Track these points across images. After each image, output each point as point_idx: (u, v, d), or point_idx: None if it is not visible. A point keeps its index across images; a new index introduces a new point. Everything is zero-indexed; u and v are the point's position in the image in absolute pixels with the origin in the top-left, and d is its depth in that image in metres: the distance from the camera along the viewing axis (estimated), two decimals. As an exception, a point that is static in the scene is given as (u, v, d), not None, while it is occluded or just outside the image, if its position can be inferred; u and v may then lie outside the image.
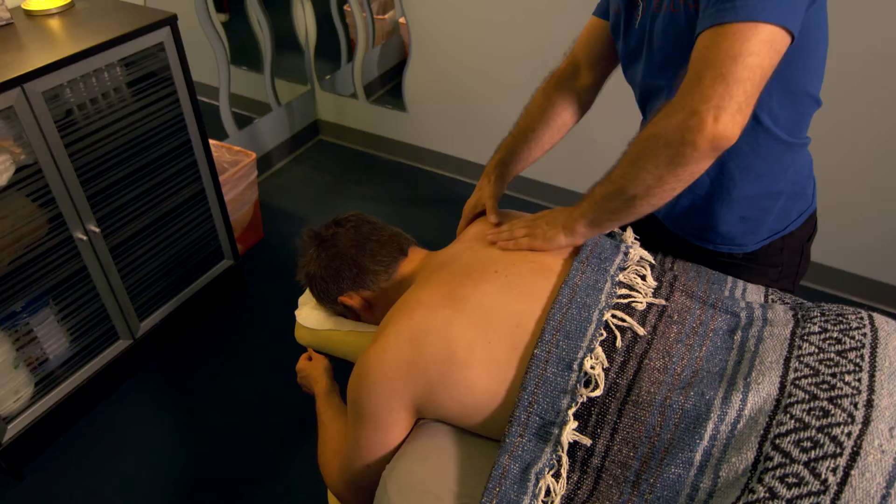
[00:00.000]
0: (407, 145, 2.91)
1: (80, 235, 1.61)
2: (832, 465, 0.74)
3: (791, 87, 0.96)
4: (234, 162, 2.31)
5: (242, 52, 2.78)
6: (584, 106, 1.23)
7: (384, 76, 3.20)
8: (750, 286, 1.09)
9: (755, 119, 0.97)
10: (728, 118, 0.79)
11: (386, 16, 3.18)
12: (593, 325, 0.90)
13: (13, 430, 1.64)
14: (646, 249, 1.09)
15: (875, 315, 0.93)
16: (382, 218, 1.23)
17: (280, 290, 2.26)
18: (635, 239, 1.14)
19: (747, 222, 1.08)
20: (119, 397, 1.90)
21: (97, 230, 1.64)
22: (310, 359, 1.32)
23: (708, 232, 1.11)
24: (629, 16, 1.02)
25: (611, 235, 1.22)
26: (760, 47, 0.79)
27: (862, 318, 0.91)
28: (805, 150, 1.07)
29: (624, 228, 1.19)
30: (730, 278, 1.09)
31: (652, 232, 1.17)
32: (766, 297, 1.07)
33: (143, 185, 1.75)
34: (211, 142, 2.31)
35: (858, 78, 1.81)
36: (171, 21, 1.64)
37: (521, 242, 1.04)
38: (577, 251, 1.03)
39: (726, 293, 1.05)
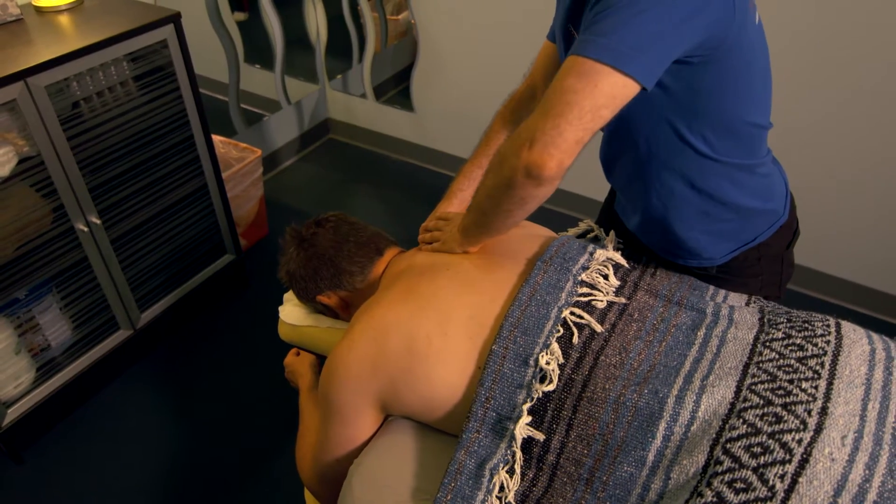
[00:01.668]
0: (414, 145, 2.93)
1: (82, 227, 1.65)
2: (780, 472, 0.74)
3: (725, 121, 0.94)
4: (240, 158, 2.34)
5: (259, 50, 2.81)
6: None
7: (397, 76, 3.22)
8: (732, 294, 1.08)
9: (690, 146, 0.95)
10: (540, 149, 0.78)
11: (399, 16, 3.20)
12: (551, 322, 0.91)
13: (13, 414, 1.69)
14: (630, 260, 1.09)
15: (843, 323, 0.92)
16: (388, 217, 1.25)
17: (280, 287, 2.28)
18: (619, 243, 1.14)
19: (710, 235, 1.06)
20: (118, 386, 1.95)
21: (98, 222, 1.68)
22: (298, 354, 1.35)
23: (674, 247, 1.10)
24: (568, 46, 1.01)
25: (595, 239, 1.22)
26: (584, 86, 0.76)
27: (828, 326, 0.91)
28: (765, 167, 1.04)
29: (607, 233, 1.19)
30: (711, 287, 1.08)
31: (635, 246, 1.17)
32: (747, 304, 1.07)
33: (145, 179, 1.79)
34: (218, 138, 2.35)
35: (850, 91, 1.79)
36: (174, 19, 1.68)
37: (433, 245, 1.11)
38: (541, 251, 1.04)
39: (707, 299, 1.04)
